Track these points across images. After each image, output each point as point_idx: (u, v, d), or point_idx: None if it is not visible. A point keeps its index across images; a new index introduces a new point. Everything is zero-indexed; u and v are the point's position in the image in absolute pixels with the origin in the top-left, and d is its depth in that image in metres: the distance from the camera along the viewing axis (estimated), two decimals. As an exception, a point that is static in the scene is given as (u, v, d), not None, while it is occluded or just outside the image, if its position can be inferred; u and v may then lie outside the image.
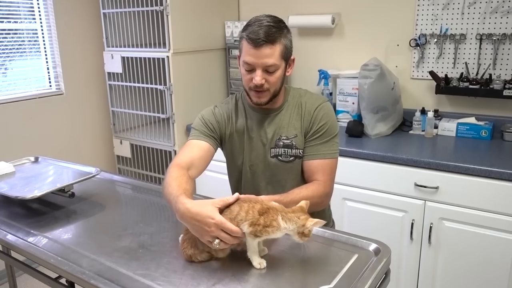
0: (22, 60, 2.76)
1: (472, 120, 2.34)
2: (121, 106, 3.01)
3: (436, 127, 2.39)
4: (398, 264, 2.15)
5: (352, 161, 2.19)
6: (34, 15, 2.78)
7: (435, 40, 2.45)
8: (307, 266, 1.12)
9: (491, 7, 2.27)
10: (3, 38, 2.64)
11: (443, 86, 2.36)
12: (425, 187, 2.02)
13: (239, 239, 1.08)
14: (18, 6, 2.69)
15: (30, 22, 2.77)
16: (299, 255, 1.17)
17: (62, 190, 1.56)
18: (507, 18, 2.25)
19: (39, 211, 1.51)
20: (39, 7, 2.79)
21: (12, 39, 2.69)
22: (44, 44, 2.85)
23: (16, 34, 2.70)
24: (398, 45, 2.59)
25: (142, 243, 1.25)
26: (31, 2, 2.75)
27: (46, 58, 2.87)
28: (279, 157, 1.46)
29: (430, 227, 2.03)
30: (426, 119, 2.36)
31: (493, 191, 1.88)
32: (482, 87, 2.27)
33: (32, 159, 1.92)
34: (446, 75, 2.41)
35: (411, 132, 2.46)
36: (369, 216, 2.19)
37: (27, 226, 1.38)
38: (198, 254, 1.14)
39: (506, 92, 2.19)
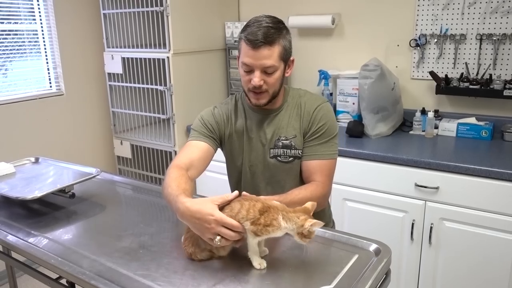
0: (23, 61, 2.76)
1: (472, 120, 2.34)
2: (121, 107, 3.01)
3: (436, 127, 2.39)
4: (399, 265, 2.15)
5: (352, 161, 2.19)
6: (34, 16, 2.78)
7: (435, 40, 2.45)
8: (308, 267, 1.12)
9: (491, 7, 2.27)
10: (4, 39, 2.65)
11: (443, 86, 2.36)
12: (425, 187, 2.02)
13: (241, 234, 1.07)
14: (18, 7, 2.69)
15: (31, 23, 2.77)
16: (300, 256, 1.17)
17: (63, 191, 1.56)
18: (507, 18, 2.25)
19: (40, 212, 1.51)
20: (39, 8, 2.79)
21: (13, 40, 2.69)
22: (44, 44, 2.85)
23: (16, 35, 2.70)
24: (398, 45, 2.59)
25: (143, 244, 1.25)
26: (31, 3, 2.76)
27: (47, 59, 2.88)
28: (278, 157, 1.46)
29: (431, 228, 2.03)
30: (426, 119, 2.36)
31: (493, 191, 1.88)
32: (483, 87, 2.27)
33: (33, 159, 1.92)
34: (446, 75, 2.41)
35: (411, 132, 2.46)
36: (369, 216, 2.19)
37: (28, 227, 1.38)
38: (198, 252, 1.14)
39: (507, 92, 2.19)
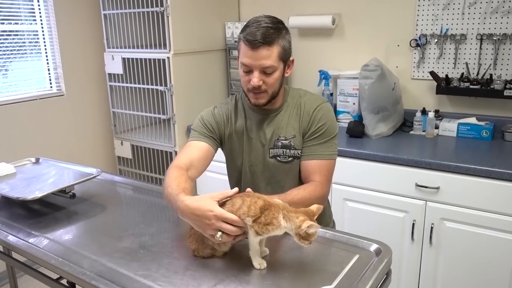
0: (23, 62, 2.76)
1: (473, 120, 2.33)
2: (121, 107, 3.01)
3: (437, 127, 2.39)
4: (399, 265, 2.15)
5: (352, 161, 2.19)
6: (34, 16, 2.79)
7: (436, 40, 2.45)
8: (308, 267, 1.12)
9: (492, 7, 2.27)
10: (4, 40, 2.65)
11: (444, 86, 2.36)
12: (426, 187, 2.02)
13: (242, 229, 1.08)
14: (19, 8, 2.70)
15: (31, 24, 2.77)
16: (300, 256, 1.17)
17: (63, 191, 1.56)
18: (508, 18, 2.25)
19: (40, 212, 1.51)
20: (39, 9, 2.79)
21: (13, 41, 2.69)
22: (44, 45, 2.85)
23: (17, 35, 2.70)
24: (398, 45, 2.59)
25: (143, 244, 1.25)
26: (31, 4, 2.76)
27: (47, 59, 2.88)
28: (278, 157, 1.46)
29: (431, 228, 2.03)
30: (426, 120, 2.36)
31: (494, 191, 1.88)
32: (483, 87, 2.27)
33: (33, 160, 1.92)
34: (447, 75, 2.41)
35: (411, 132, 2.46)
36: (370, 216, 2.19)
37: (28, 227, 1.38)
38: (202, 249, 1.15)
39: (507, 92, 2.19)
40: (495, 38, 2.28)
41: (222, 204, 1.10)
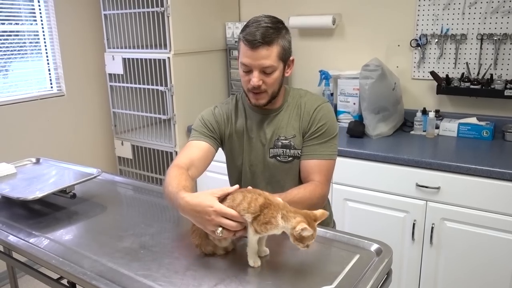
0: (23, 62, 2.76)
1: (473, 120, 2.33)
2: (122, 107, 3.01)
3: (437, 127, 2.38)
4: (400, 265, 2.15)
5: (353, 161, 2.19)
6: (35, 16, 2.79)
7: (436, 40, 2.45)
8: (309, 267, 1.12)
9: (492, 7, 2.27)
10: (4, 40, 2.65)
11: (444, 86, 2.36)
12: (426, 187, 2.02)
13: (242, 224, 1.08)
14: (19, 8, 2.70)
15: (31, 24, 2.77)
16: (301, 256, 1.17)
17: (64, 191, 1.56)
18: (508, 18, 2.25)
19: (41, 212, 1.51)
20: (40, 9, 2.79)
21: (13, 41, 2.69)
22: (45, 45, 2.85)
23: (17, 36, 2.70)
24: (399, 45, 2.59)
25: (143, 244, 1.25)
26: (32, 4, 2.76)
27: (47, 60, 2.88)
28: (278, 157, 1.46)
29: (432, 228, 2.03)
30: (427, 120, 2.36)
31: (494, 191, 1.87)
32: (483, 87, 2.27)
33: (34, 160, 1.92)
34: (447, 75, 2.41)
35: (412, 132, 2.45)
36: (370, 216, 2.19)
37: (29, 227, 1.38)
38: (204, 245, 1.16)
39: (508, 92, 2.19)
40: (495, 38, 2.28)
41: (222, 199, 1.10)
